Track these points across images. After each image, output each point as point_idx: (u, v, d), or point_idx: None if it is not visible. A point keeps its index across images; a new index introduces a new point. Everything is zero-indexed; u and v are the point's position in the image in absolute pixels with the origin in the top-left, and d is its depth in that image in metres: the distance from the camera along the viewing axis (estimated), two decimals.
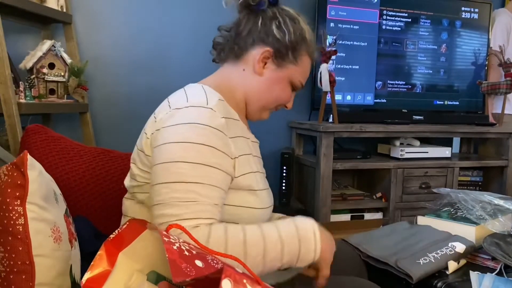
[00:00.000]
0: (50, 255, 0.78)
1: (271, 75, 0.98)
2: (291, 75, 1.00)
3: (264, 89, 0.99)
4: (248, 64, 0.98)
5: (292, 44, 0.96)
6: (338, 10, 2.33)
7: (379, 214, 2.28)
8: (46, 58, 1.77)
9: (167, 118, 0.86)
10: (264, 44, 0.96)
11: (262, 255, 0.79)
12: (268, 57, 0.97)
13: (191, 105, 0.86)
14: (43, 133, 1.12)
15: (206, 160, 0.81)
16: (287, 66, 0.98)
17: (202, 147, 0.81)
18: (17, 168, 0.76)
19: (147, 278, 0.64)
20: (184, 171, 0.79)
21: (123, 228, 0.65)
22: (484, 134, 2.42)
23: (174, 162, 0.80)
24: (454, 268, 1.11)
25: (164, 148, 0.82)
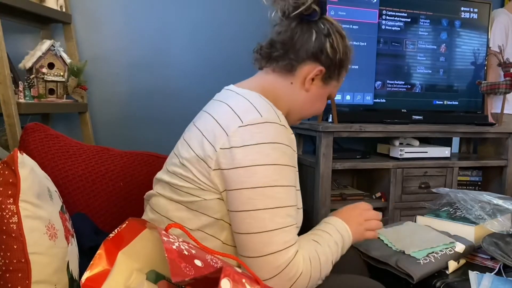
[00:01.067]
0: (46, 252, 0.78)
1: (317, 91, 1.00)
2: (331, 90, 1.03)
3: (308, 103, 1.01)
4: (297, 78, 0.98)
5: (340, 63, 0.99)
6: (338, 10, 2.33)
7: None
8: (46, 58, 1.77)
9: (245, 135, 0.83)
10: (316, 61, 0.96)
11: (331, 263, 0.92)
12: (317, 74, 0.97)
13: (266, 121, 0.85)
14: (42, 131, 1.12)
15: (292, 181, 0.86)
16: (331, 83, 1.01)
17: (288, 168, 0.84)
18: (8, 167, 0.76)
19: (146, 277, 0.64)
20: (281, 196, 0.82)
21: (122, 227, 0.65)
22: (483, 134, 2.42)
23: (271, 187, 0.81)
24: (454, 267, 1.11)
25: (255, 170, 0.81)
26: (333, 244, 0.92)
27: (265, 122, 0.84)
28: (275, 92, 0.98)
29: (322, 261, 0.87)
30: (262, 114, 0.85)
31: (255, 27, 2.35)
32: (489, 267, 1.12)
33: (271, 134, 0.83)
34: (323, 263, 0.87)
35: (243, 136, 0.83)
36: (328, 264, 0.89)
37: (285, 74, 0.98)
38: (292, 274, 0.82)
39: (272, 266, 0.80)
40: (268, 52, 0.99)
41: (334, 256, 0.92)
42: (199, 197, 0.87)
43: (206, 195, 0.86)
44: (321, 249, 0.89)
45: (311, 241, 0.90)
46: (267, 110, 0.87)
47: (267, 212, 0.81)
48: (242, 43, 2.38)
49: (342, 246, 0.95)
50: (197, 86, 2.33)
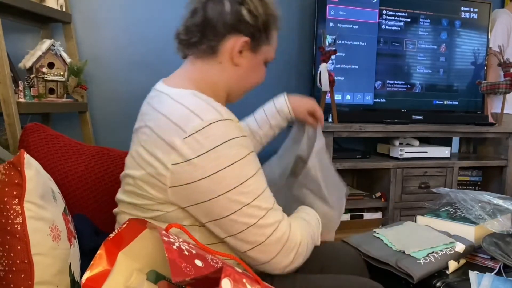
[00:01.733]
0: (49, 253, 0.78)
1: (250, 62, 0.95)
2: (266, 55, 0.98)
3: (245, 77, 0.97)
4: (224, 57, 0.92)
5: (264, 26, 0.92)
6: (338, 9, 2.33)
7: (378, 213, 2.28)
8: (46, 58, 1.77)
9: (194, 145, 0.78)
10: (237, 32, 0.90)
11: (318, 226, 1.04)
12: (245, 46, 0.92)
13: (210, 123, 0.80)
14: (42, 131, 1.11)
15: (257, 165, 0.85)
16: (261, 48, 0.95)
17: (249, 156, 0.83)
18: (14, 167, 0.76)
19: (146, 277, 0.64)
20: (255, 185, 0.82)
21: (123, 228, 0.65)
22: (483, 134, 2.42)
23: (243, 184, 0.80)
24: (455, 267, 1.11)
25: (220, 176, 0.79)
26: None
27: (209, 124, 0.79)
28: (208, 79, 0.93)
29: (313, 225, 0.98)
30: (202, 117, 0.80)
31: None
32: (489, 267, 1.12)
33: (219, 134, 0.80)
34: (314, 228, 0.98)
35: (193, 146, 0.78)
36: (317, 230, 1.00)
37: (211, 56, 0.92)
38: (293, 244, 0.86)
39: (274, 246, 0.84)
40: (186, 39, 0.93)
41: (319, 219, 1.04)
42: (161, 211, 0.84)
43: (167, 208, 0.84)
44: (307, 216, 0.99)
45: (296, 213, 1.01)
46: (205, 110, 0.82)
47: (250, 207, 0.81)
48: None
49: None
50: None
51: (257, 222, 0.82)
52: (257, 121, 1.26)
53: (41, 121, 2.00)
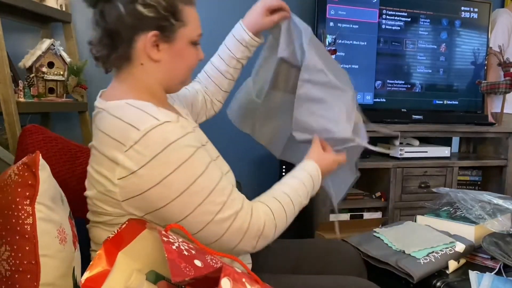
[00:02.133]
0: (55, 255, 0.78)
1: (170, 53, 0.90)
2: (188, 36, 0.90)
3: (173, 68, 0.92)
4: (142, 58, 0.88)
5: (168, 11, 0.86)
6: (338, 9, 2.33)
7: (378, 213, 2.28)
8: (46, 57, 1.77)
9: (135, 156, 0.77)
10: (143, 30, 0.85)
11: (298, 207, 0.99)
12: (157, 40, 0.87)
13: (146, 132, 0.77)
14: (40, 133, 1.11)
15: (206, 159, 0.83)
16: (178, 33, 0.89)
17: (196, 154, 0.80)
18: (28, 168, 0.77)
19: (146, 277, 0.64)
20: (207, 181, 0.81)
21: (122, 228, 0.65)
22: (483, 133, 2.42)
23: (194, 184, 0.79)
24: (455, 267, 1.11)
25: (168, 181, 0.77)
26: (299, 188, 1.00)
27: (146, 133, 0.77)
28: (139, 84, 0.90)
29: (286, 208, 0.94)
30: (139, 127, 0.78)
31: None
32: (489, 267, 1.12)
33: (159, 141, 0.77)
34: (288, 210, 0.94)
35: (134, 158, 0.77)
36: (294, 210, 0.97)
37: (129, 63, 0.90)
38: (256, 230, 0.86)
39: (236, 236, 0.84)
40: (98, 55, 0.92)
41: (303, 198, 1.00)
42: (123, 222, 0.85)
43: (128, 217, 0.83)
44: (284, 198, 0.95)
45: (274, 192, 0.97)
46: (141, 119, 0.80)
47: (204, 205, 0.80)
48: None
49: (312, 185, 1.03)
50: None
51: (213, 218, 0.81)
52: (223, 59, 1.19)
53: (41, 121, 2.00)
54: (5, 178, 0.77)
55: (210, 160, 0.84)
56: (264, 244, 0.89)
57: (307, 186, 1.01)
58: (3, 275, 0.73)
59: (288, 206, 0.94)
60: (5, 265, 0.73)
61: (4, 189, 0.76)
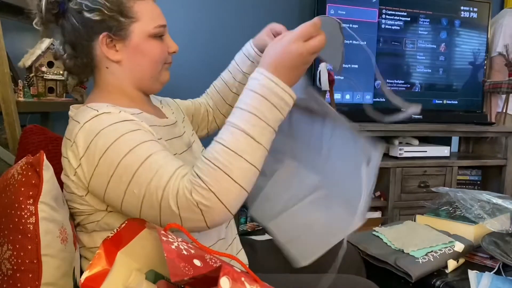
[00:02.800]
0: (57, 255, 0.78)
1: (128, 51, 0.89)
2: (143, 31, 0.89)
3: (136, 65, 0.91)
4: (104, 61, 0.90)
5: (114, 10, 0.86)
6: (338, 9, 2.33)
7: (378, 213, 2.29)
8: (45, 57, 1.77)
9: (76, 149, 0.80)
10: (96, 35, 0.87)
11: (252, 141, 0.76)
12: (110, 41, 0.88)
13: (84, 123, 0.80)
14: (41, 133, 1.11)
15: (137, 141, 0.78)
16: (130, 30, 0.88)
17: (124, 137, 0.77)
18: (32, 168, 0.77)
19: (145, 277, 0.64)
20: (132, 160, 0.75)
21: (121, 227, 0.65)
22: (482, 133, 2.43)
23: (119, 164, 0.76)
24: (454, 266, 1.11)
25: (99, 167, 0.77)
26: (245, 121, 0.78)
27: (83, 125, 0.80)
28: (110, 88, 0.92)
29: (223, 159, 0.73)
30: (80, 121, 0.81)
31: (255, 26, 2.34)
32: (488, 266, 1.13)
33: (90, 130, 0.79)
34: (227, 160, 0.73)
35: (75, 151, 0.80)
36: (240, 151, 0.74)
37: (97, 69, 0.92)
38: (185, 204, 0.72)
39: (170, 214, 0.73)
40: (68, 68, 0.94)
41: (253, 132, 0.77)
42: (93, 221, 0.85)
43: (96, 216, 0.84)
44: (220, 148, 0.74)
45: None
46: (84, 115, 0.82)
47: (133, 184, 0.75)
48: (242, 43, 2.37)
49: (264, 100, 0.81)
50: (196, 86, 2.32)
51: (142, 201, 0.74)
52: (231, 72, 1.19)
53: (41, 120, 2.00)
54: (8, 177, 0.77)
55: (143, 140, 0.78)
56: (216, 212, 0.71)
57: (257, 105, 0.80)
58: (5, 274, 0.74)
59: (224, 152, 0.73)
60: (7, 264, 0.74)
61: (7, 188, 0.76)
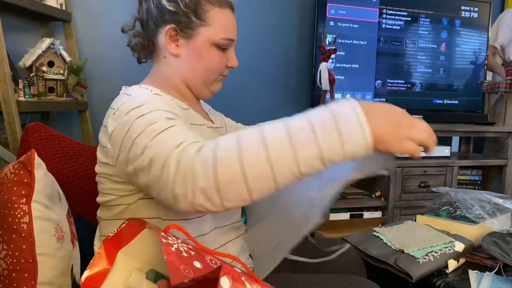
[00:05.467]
0: (53, 254, 0.78)
1: (188, 49, 0.91)
2: (209, 37, 0.90)
3: (192, 65, 0.92)
4: (164, 51, 0.93)
5: (190, 7, 0.88)
6: (338, 8, 2.33)
7: (378, 213, 2.29)
8: (46, 56, 1.77)
9: (116, 116, 0.80)
10: (165, 23, 0.90)
11: (264, 154, 0.60)
12: (176, 34, 0.90)
13: (132, 96, 0.83)
14: (43, 131, 1.11)
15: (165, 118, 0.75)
16: (197, 32, 0.89)
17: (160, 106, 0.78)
18: (24, 167, 0.77)
19: (146, 276, 0.64)
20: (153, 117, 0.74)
21: (122, 227, 0.65)
22: (483, 133, 2.42)
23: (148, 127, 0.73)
24: (454, 266, 1.11)
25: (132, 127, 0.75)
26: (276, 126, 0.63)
27: (132, 96, 0.83)
28: (164, 77, 0.95)
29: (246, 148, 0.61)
30: (131, 93, 0.85)
31: (255, 27, 2.34)
32: (489, 266, 1.12)
33: (137, 100, 0.80)
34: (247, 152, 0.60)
35: (116, 118, 0.80)
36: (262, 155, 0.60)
37: (155, 55, 0.95)
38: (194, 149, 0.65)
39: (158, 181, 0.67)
40: (131, 44, 0.97)
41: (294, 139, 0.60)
42: (123, 204, 0.84)
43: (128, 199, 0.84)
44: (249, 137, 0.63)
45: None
46: (137, 91, 0.87)
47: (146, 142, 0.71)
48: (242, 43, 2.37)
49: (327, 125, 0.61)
50: None
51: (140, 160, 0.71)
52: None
53: (41, 120, 2.00)
54: (1, 177, 0.77)
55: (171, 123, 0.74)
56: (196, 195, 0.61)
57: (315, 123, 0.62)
58: (1, 274, 0.73)
59: (248, 148, 0.61)
60: (2, 264, 0.73)
61: (0, 188, 0.76)
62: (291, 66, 2.49)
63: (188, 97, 0.97)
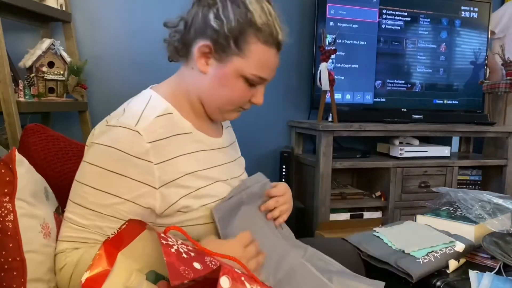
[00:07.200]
0: (41, 250, 0.78)
1: (215, 72, 0.87)
2: (240, 69, 0.86)
3: (213, 88, 0.89)
4: (194, 62, 0.89)
5: (232, 33, 0.83)
6: (338, 9, 2.33)
7: (378, 213, 2.29)
8: (46, 57, 1.77)
9: (99, 135, 0.85)
10: (203, 37, 0.85)
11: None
12: (209, 52, 0.86)
13: (119, 125, 0.82)
14: (42, 132, 1.11)
15: (113, 189, 0.79)
16: (231, 59, 0.85)
17: (113, 175, 0.79)
18: (5, 165, 0.77)
19: (146, 277, 0.64)
20: (86, 196, 0.80)
21: (122, 228, 0.65)
22: (483, 133, 2.42)
23: (81, 184, 0.81)
24: (455, 266, 1.11)
25: (82, 165, 0.83)
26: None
27: (118, 126, 0.82)
28: (184, 84, 0.93)
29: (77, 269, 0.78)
30: (122, 117, 0.85)
31: None
32: (489, 266, 1.12)
33: (114, 137, 0.80)
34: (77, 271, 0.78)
35: (97, 136, 0.85)
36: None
37: (186, 61, 0.92)
38: (57, 266, 0.80)
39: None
40: (168, 39, 0.95)
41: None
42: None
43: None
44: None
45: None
46: (130, 115, 0.85)
47: (69, 203, 0.82)
48: None
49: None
50: None
51: (63, 217, 0.83)
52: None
53: (41, 120, 2.00)
54: None
55: (125, 194, 0.79)
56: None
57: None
58: None
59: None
60: None
61: None
62: (291, 66, 2.49)
63: (199, 113, 0.95)
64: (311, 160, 2.21)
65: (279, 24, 0.87)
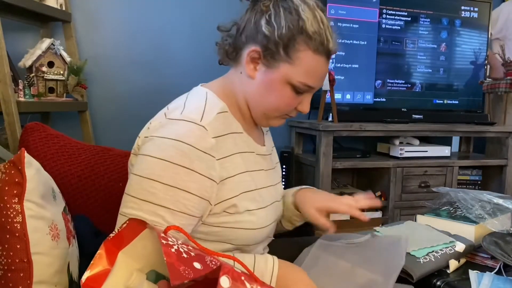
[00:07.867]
0: (48, 252, 0.78)
1: (263, 77, 0.87)
2: (288, 76, 0.86)
3: (260, 93, 0.89)
4: (243, 66, 0.90)
5: (283, 39, 0.83)
6: (338, 8, 2.33)
7: (378, 213, 2.28)
8: (45, 57, 1.77)
9: (159, 128, 0.83)
10: (254, 42, 0.86)
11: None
12: (258, 57, 0.87)
13: (183, 119, 0.82)
14: (42, 131, 1.11)
15: (182, 184, 0.78)
16: (279, 65, 0.85)
17: (181, 169, 0.78)
18: (14, 166, 0.76)
19: (146, 277, 0.64)
20: (156, 192, 0.77)
21: (123, 227, 0.65)
22: (483, 133, 2.42)
23: (148, 179, 0.78)
24: (455, 266, 1.11)
25: (145, 160, 0.80)
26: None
27: (182, 119, 0.81)
28: (232, 87, 0.94)
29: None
30: (185, 111, 0.84)
31: None
32: (489, 266, 1.12)
33: (180, 131, 0.79)
34: None
35: (157, 129, 0.83)
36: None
37: (236, 65, 0.93)
38: None
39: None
40: (219, 42, 0.96)
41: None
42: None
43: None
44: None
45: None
46: (193, 110, 0.84)
47: (134, 200, 0.78)
48: None
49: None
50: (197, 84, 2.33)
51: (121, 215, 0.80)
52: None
53: (41, 120, 2.00)
54: None
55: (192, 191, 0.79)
56: None
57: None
58: None
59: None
60: None
61: None
62: None
63: (246, 117, 0.96)
64: (311, 160, 2.21)
65: (330, 32, 0.87)
